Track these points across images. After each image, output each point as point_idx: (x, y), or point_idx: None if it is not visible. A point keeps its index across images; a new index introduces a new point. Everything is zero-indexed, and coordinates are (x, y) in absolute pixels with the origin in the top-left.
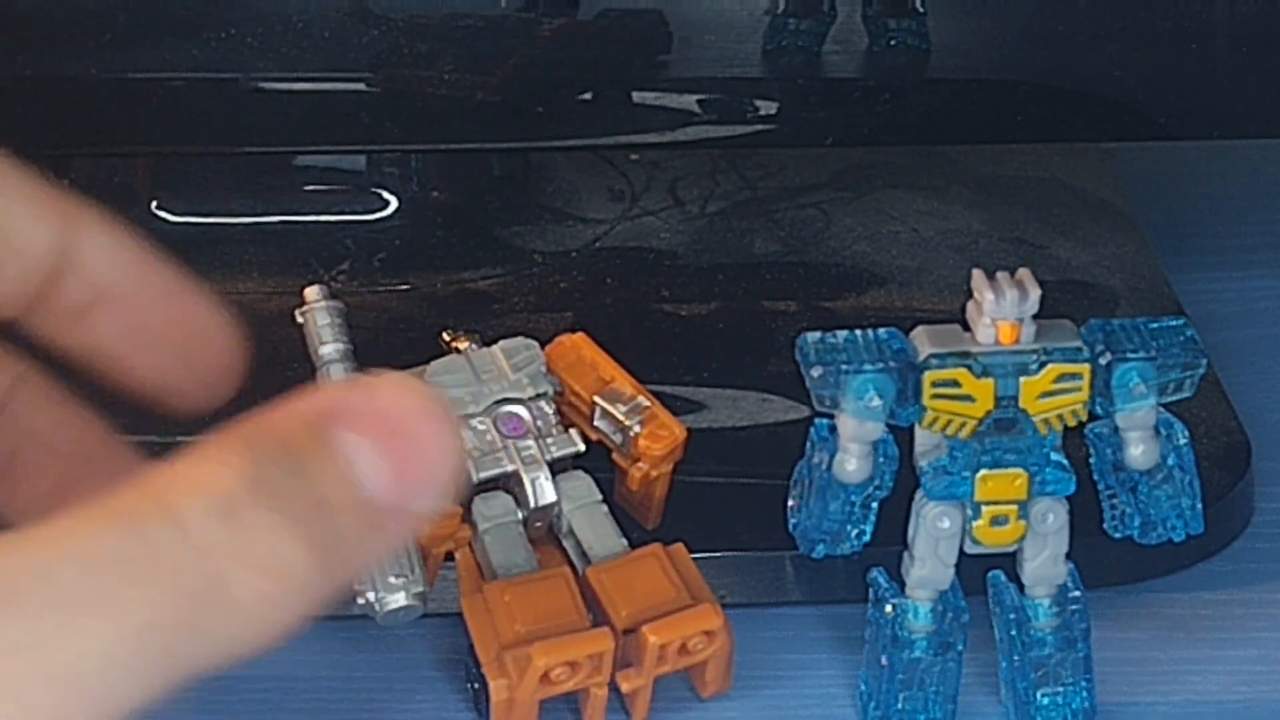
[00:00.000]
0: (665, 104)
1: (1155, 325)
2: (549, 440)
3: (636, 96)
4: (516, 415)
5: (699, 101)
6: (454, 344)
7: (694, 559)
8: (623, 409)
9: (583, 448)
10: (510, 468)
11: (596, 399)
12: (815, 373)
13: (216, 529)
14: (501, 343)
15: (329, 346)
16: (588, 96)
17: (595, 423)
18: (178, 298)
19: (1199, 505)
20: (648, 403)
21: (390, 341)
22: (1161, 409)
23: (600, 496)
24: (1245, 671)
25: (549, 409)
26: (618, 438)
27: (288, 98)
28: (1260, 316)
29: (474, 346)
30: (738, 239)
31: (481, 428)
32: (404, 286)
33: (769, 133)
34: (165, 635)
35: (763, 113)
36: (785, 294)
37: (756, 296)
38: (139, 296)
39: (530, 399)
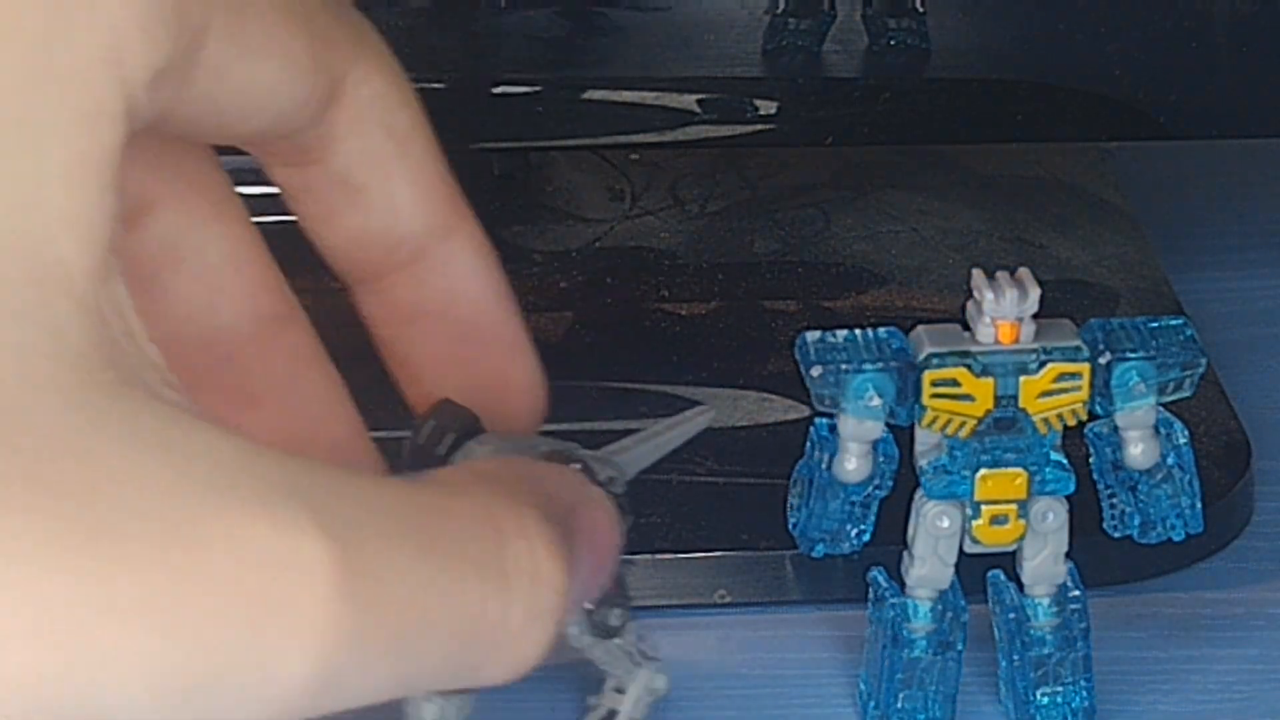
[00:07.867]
0: (665, 104)
1: (1155, 325)
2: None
3: (636, 96)
4: None
5: (699, 101)
6: None
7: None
8: None
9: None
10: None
11: None
12: (815, 372)
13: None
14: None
15: None
16: (588, 96)
17: None
18: (499, 338)
19: (1198, 504)
20: None
21: None
22: (1161, 408)
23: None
24: (1245, 671)
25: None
26: None
27: None
28: (1260, 316)
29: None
30: (738, 239)
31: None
32: None
33: (769, 132)
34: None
35: (763, 112)
36: (785, 294)
37: (756, 296)
38: (468, 322)
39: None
